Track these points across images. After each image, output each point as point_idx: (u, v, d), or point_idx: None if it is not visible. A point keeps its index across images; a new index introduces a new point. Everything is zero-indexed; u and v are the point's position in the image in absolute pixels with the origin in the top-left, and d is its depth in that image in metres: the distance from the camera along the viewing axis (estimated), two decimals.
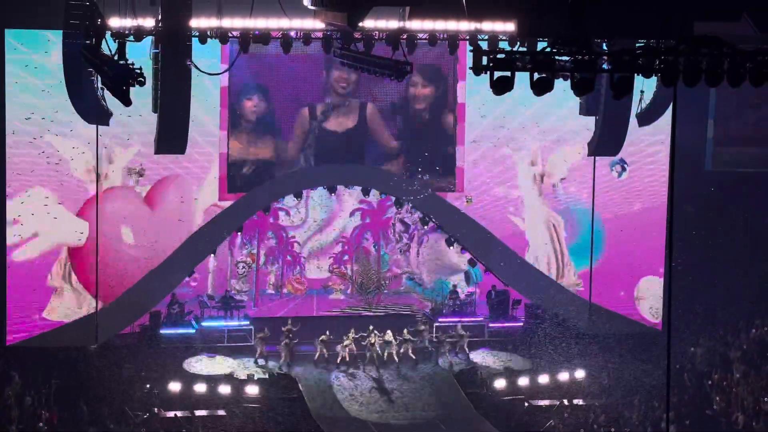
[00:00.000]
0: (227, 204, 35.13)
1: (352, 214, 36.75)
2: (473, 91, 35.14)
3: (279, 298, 36.64)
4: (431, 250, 37.26)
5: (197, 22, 27.40)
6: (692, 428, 31.21)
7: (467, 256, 37.03)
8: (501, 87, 16.61)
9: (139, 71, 22.25)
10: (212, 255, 35.37)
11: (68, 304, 34.01)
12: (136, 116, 31.73)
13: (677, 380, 32.84)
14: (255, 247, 36.27)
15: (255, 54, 30.89)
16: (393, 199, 36.20)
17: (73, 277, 33.95)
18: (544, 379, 33.13)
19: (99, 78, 27.85)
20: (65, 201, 33.69)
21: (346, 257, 36.97)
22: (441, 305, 36.53)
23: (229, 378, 32.48)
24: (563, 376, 33.24)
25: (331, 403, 31.76)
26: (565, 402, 32.33)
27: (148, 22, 26.86)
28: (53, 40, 31.15)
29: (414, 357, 34.10)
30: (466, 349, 34.63)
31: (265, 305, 36.42)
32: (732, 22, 20.20)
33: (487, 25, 28.13)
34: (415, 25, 28.26)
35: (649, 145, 35.89)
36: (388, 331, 34.08)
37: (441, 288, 37.18)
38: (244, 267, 36.18)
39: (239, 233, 35.64)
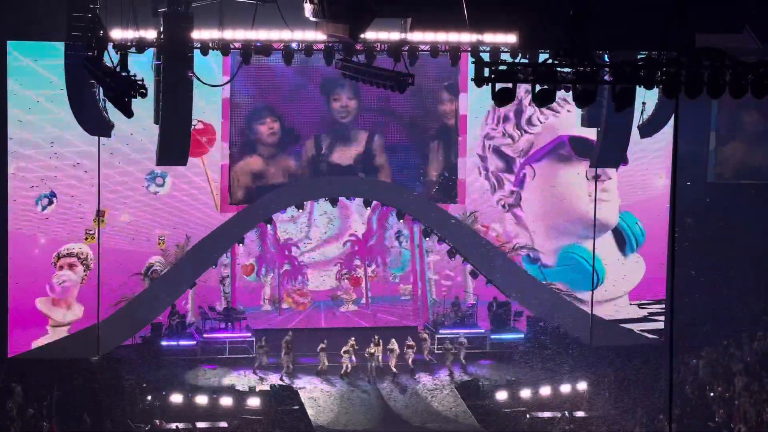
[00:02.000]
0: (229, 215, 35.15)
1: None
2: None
3: (278, 315, 36.41)
4: (544, 197, 36.52)
5: (199, 34, 27.45)
6: None
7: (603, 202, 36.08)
8: (503, 99, 16.62)
9: (140, 83, 22.26)
10: (213, 267, 35.38)
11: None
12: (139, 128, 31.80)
13: (679, 392, 32.79)
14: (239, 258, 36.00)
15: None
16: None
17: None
18: (546, 391, 33.09)
19: (101, 89, 27.87)
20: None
21: (357, 260, 36.79)
22: (442, 316, 36.49)
23: (230, 390, 32.45)
24: (565, 388, 33.19)
25: (333, 415, 31.71)
26: (567, 414, 32.27)
27: (150, 34, 26.90)
28: (56, 51, 31.19)
29: (415, 368, 34.08)
30: (463, 361, 34.60)
31: (267, 323, 36.14)
32: (734, 34, 20.20)
33: (489, 37, 28.14)
34: (416, 37, 28.29)
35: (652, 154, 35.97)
36: (392, 341, 34.05)
37: (569, 261, 36.67)
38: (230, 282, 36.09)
39: (240, 245, 35.57)
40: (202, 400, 31.71)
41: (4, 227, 33.14)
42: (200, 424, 31.07)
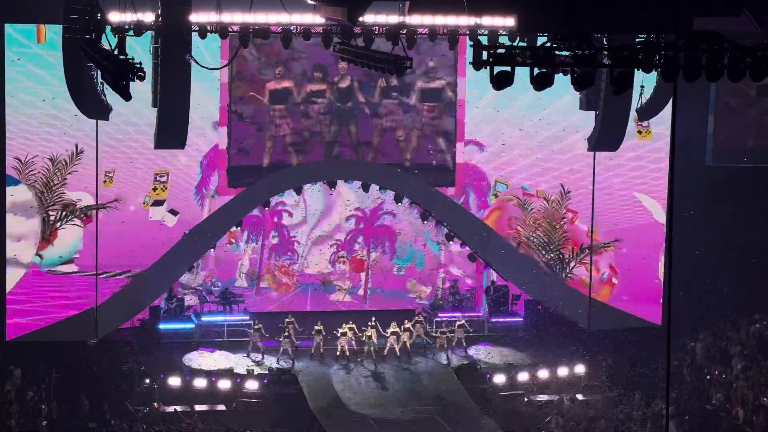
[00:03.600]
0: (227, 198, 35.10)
1: None
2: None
3: (254, 298, 35.78)
4: None
5: (197, 17, 27.38)
6: (692, 423, 31.23)
7: None
8: (501, 82, 16.60)
9: (139, 66, 22.22)
10: (212, 250, 35.34)
11: None
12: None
13: (677, 375, 32.86)
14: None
15: None
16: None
17: None
18: (543, 374, 33.17)
19: (99, 73, 27.83)
20: None
21: (360, 239, 36.42)
22: (441, 300, 36.48)
23: (228, 373, 32.49)
24: (563, 372, 33.27)
25: (331, 398, 31.75)
26: (565, 397, 32.34)
27: (148, 17, 26.84)
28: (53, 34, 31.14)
29: (413, 351, 34.13)
30: (463, 344, 34.65)
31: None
32: (732, 17, 20.19)
33: (487, 20, 28.07)
34: (414, 20, 28.23)
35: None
36: (393, 323, 34.07)
37: None
38: None
39: (238, 228, 35.53)
40: (200, 383, 31.79)
41: (2, 210, 33.12)
42: (198, 407, 31.14)
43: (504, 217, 36.15)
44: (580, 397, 32.56)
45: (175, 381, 31.77)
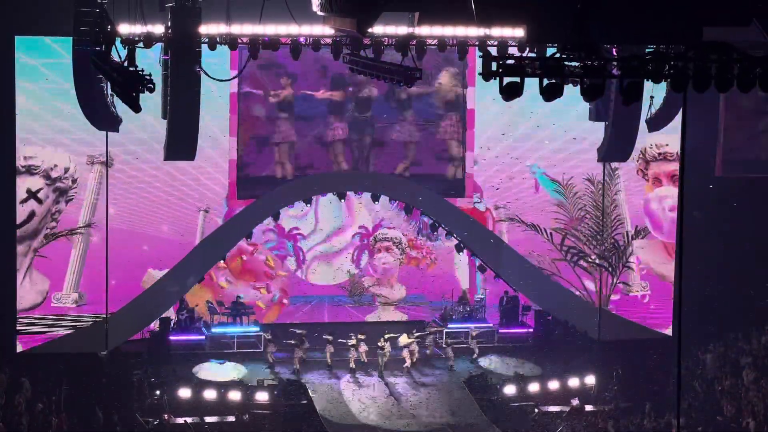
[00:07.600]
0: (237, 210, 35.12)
1: None
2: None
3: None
4: None
5: (206, 29, 27.42)
6: None
7: None
8: (510, 93, 16.59)
9: (148, 77, 22.25)
10: (222, 261, 35.36)
11: None
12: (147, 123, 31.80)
13: (687, 386, 32.78)
14: None
15: None
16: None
17: None
18: (554, 385, 33.10)
19: (109, 84, 27.89)
20: None
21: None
22: (451, 311, 36.42)
23: (239, 384, 32.48)
24: (573, 382, 33.20)
25: (341, 410, 31.73)
26: (575, 408, 32.27)
27: (158, 29, 26.90)
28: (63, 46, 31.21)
29: (423, 362, 34.12)
30: (476, 351, 34.64)
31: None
32: (741, 27, 20.17)
33: (497, 31, 28.10)
34: (424, 31, 28.25)
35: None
36: (403, 335, 34.04)
37: None
38: None
39: (248, 239, 35.54)
40: (210, 394, 31.77)
41: (11, 219, 33.18)
42: (208, 419, 31.12)
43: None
44: (590, 407, 32.47)
45: (185, 392, 31.75)
